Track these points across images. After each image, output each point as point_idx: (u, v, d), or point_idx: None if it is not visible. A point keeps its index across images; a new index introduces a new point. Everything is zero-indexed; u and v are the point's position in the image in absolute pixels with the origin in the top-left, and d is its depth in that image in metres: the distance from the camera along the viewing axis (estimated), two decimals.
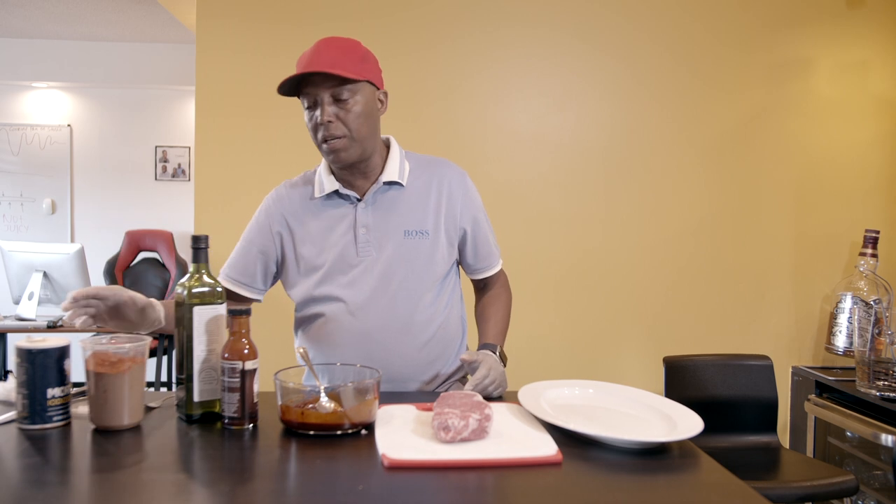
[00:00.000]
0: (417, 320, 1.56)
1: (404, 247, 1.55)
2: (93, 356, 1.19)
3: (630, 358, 2.94)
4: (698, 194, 2.92)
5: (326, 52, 1.44)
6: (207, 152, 2.81)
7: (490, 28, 2.86)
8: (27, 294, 3.69)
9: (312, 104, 1.47)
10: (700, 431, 1.16)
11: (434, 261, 1.58)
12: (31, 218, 5.41)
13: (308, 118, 1.50)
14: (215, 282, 1.28)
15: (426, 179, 1.60)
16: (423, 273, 1.57)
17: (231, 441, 1.17)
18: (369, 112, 1.50)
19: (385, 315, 1.54)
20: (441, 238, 1.59)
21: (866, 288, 2.76)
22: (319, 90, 1.45)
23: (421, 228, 1.57)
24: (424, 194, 1.59)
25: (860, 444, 2.66)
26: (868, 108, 2.93)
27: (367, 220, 1.56)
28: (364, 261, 1.55)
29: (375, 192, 1.56)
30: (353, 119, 1.47)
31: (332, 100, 1.46)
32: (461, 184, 1.62)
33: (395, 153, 1.60)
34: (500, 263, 1.74)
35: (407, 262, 1.55)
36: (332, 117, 1.46)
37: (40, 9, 4.47)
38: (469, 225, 1.63)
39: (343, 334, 1.54)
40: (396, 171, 1.57)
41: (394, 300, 1.55)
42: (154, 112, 5.47)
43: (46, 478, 1.01)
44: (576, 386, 1.42)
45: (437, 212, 1.58)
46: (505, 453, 1.08)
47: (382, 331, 1.54)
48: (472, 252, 1.66)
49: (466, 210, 1.62)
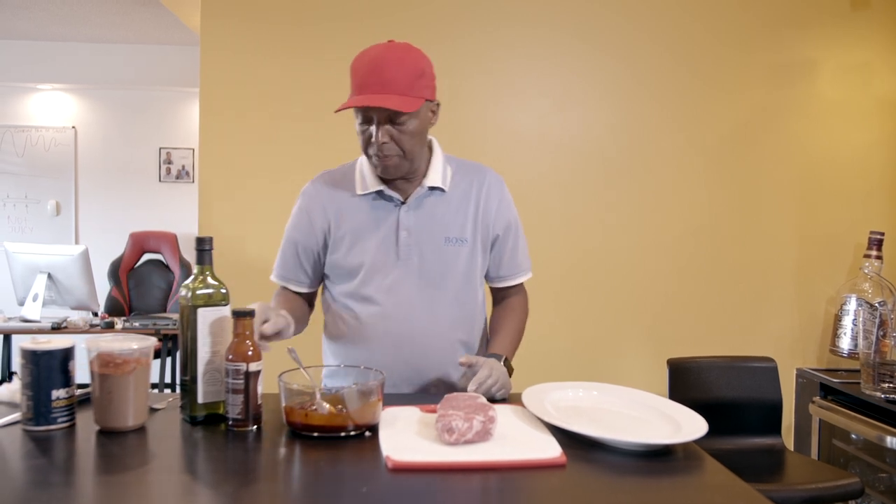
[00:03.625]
0: (454, 326, 1.57)
1: (444, 253, 1.56)
2: (97, 357, 1.19)
3: (632, 360, 2.94)
4: (700, 195, 2.92)
5: (393, 72, 1.41)
6: (211, 154, 2.81)
7: (490, 28, 2.86)
8: (31, 295, 3.70)
9: (368, 121, 1.46)
10: (704, 433, 1.16)
11: (471, 268, 1.59)
12: (35, 219, 5.42)
13: (360, 130, 1.48)
14: (219, 283, 1.28)
15: (466, 185, 1.61)
16: (462, 280, 1.58)
17: (235, 443, 1.17)
18: (423, 130, 1.50)
19: (422, 320, 1.55)
20: (478, 245, 1.60)
21: (871, 290, 2.75)
22: (378, 112, 1.43)
23: (461, 236, 1.57)
24: (465, 200, 1.59)
25: (865, 446, 2.65)
26: (871, 110, 2.93)
27: (410, 224, 1.56)
28: (404, 264, 1.55)
29: (419, 195, 1.56)
30: (407, 140, 1.46)
31: (389, 122, 1.44)
32: (498, 190, 1.63)
33: (437, 157, 1.60)
34: (525, 277, 1.70)
35: (446, 268, 1.56)
36: (387, 138, 1.45)
37: (45, 11, 4.49)
38: (501, 231, 1.62)
39: (379, 336, 1.55)
40: (440, 177, 1.57)
41: (431, 306, 1.55)
42: (158, 114, 5.48)
43: (51, 479, 1.01)
44: (579, 388, 1.42)
45: (475, 218, 1.59)
46: (509, 455, 1.08)
47: (420, 336, 1.54)
48: (497, 259, 1.65)
49: (500, 216, 1.62)
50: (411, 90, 1.43)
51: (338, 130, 2.84)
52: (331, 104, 2.79)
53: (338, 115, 2.84)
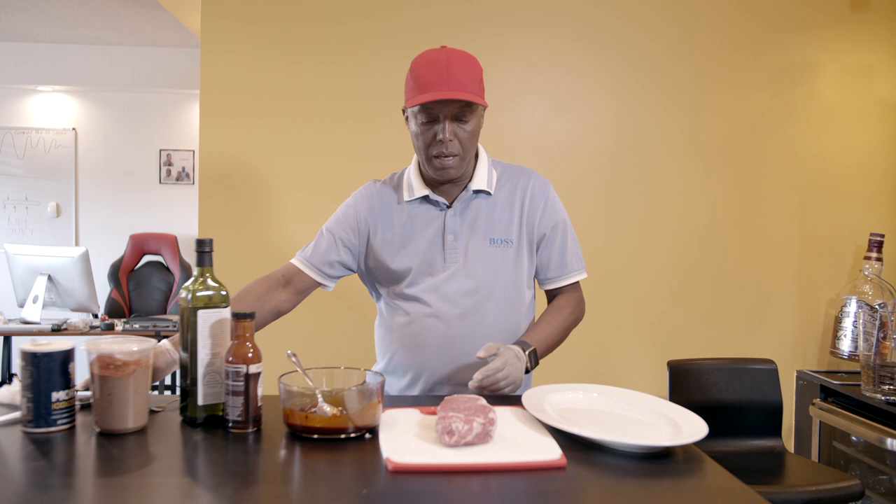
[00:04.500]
0: (502, 328, 1.58)
1: (490, 255, 1.59)
2: (97, 359, 1.19)
3: (633, 361, 2.93)
4: (702, 198, 2.92)
5: (459, 72, 1.47)
6: (212, 156, 2.81)
7: (493, 32, 2.86)
8: (32, 297, 3.71)
9: (433, 119, 1.50)
10: (705, 435, 1.16)
11: (518, 269, 1.61)
12: (35, 221, 5.43)
13: (421, 130, 1.52)
14: (220, 285, 1.28)
15: (511, 188, 1.64)
16: (508, 281, 1.60)
17: (235, 445, 1.17)
18: (479, 131, 1.56)
19: (470, 322, 1.57)
20: (524, 247, 1.62)
21: (871, 292, 2.75)
22: (445, 108, 1.48)
23: (506, 237, 1.60)
24: (510, 203, 1.62)
25: (865, 448, 2.65)
26: (872, 112, 2.93)
27: (456, 227, 1.59)
28: (451, 267, 1.58)
29: (464, 199, 1.60)
30: (467, 139, 1.52)
31: (455, 119, 1.49)
32: (543, 192, 1.65)
33: (483, 161, 1.64)
34: (576, 278, 1.69)
35: (492, 269, 1.58)
36: (452, 136, 1.50)
37: (45, 13, 4.49)
38: (548, 230, 1.64)
39: (428, 337, 1.57)
40: (485, 180, 1.61)
41: (478, 307, 1.57)
42: (158, 115, 5.48)
43: (51, 481, 1.01)
44: (580, 390, 1.42)
45: (521, 221, 1.62)
46: (509, 457, 1.08)
47: (467, 337, 1.56)
48: (545, 260, 1.66)
49: (546, 217, 1.63)
50: (477, 89, 1.50)
51: (338, 132, 2.85)
52: (331, 105, 2.83)
53: (337, 118, 2.86)
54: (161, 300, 4.68)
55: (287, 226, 2.82)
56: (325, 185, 2.81)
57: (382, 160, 2.70)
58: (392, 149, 2.74)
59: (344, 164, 2.80)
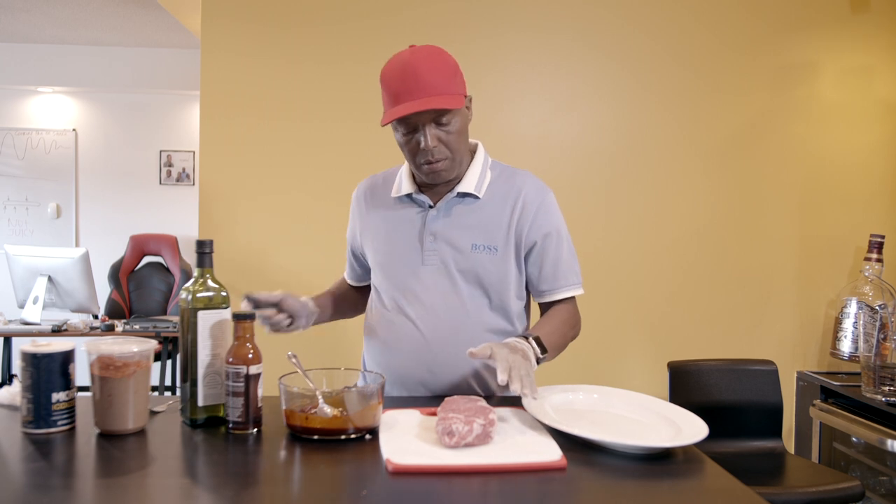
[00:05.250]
0: (479, 335, 1.50)
1: (470, 260, 1.51)
2: (98, 360, 1.19)
3: (633, 362, 2.93)
4: (702, 198, 2.92)
5: (427, 74, 1.38)
6: (212, 156, 2.81)
7: (493, 32, 2.86)
8: (32, 298, 3.70)
9: (413, 129, 1.43)
10: (705, 436, 1.16)
11: (501, 278, 1.52)
12: (35, 222, 5.42)
13: (405, 142, 1.46)
14: (220, 286, 1.28)
15: (504, 192, 1.54)
16: (490, 289, 1.52)
17: (235, 445, 1.17)
18: (466, 126, 1.49)
19: (445, 327, 1.51)
20: (510, 255, 1.52)
21: (871, 293, 2.75)
22: (421, 117, 1.41)
23: (490, 243, 1.51)
24: (501, 207, 1.53)
25: (866, 449, 2.64)
26: (872, 113, 2.93)
27: (436, 229, 1.53)
28: (428, 269, 1.53)
29: (448, 200, 1.53)
30: (454, 140, 1.45)
31: (434, 124, 1.42)
32: (538, 198, 1.54)
33: (477, 162, 1.56)
34: (570, 293, 1.57)
35: (472, 275, 1.51)
36: (436, 141, 1.43)
37: (45, 14, 4.49)
38: (539, 239, 1.53)
39: (404, 341, 1.53)
40: (474, 183, 1.53)
41: (454, 313, 1.51)
42: (159, 116, 5.48)
43: (51, 482, 1.01)
44: (580, 391, 1.42)
45: (509, 226, 1.52)
46: (509, 458, 1.08)
47: (442, 342, 1.50)
48: (536, 270, 1.55)
49: (537, 226, 1.53)
50: (450, 88, 1.41)
51: (338, 132, 2.85)
52: (331, 106, 2.83)
53: (337, 118, 2.87)
54: (161, 301, 4.68)
55: (287, 226, 2.82)
56: (325, 185, 2.80)
57: (382, 160, 2.68)
58: (392, 149, 2.71)
59: (344, 164, 2.80)
